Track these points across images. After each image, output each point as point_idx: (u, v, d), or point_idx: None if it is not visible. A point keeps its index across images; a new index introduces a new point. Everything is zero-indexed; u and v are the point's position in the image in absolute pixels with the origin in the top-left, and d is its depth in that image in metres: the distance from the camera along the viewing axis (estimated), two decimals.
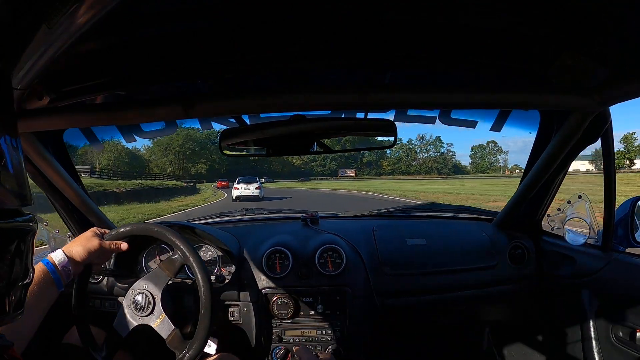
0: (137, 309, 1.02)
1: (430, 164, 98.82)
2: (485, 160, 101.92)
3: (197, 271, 1.02)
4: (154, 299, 1.03)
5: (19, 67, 0.56)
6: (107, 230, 1.08)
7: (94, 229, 1.05)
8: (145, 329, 1.02)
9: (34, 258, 0.47)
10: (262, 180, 23.92)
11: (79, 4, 0.46)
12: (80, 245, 0.98)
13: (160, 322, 1.02)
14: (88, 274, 1.05)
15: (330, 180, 67.56)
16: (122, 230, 1.07)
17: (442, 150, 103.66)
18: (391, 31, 0.83)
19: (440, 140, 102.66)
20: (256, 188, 20.38)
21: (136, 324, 1.02)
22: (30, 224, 0.45)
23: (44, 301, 0.88)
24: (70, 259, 0.94)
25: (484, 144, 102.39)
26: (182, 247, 1.03)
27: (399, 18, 0.77)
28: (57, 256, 0.92)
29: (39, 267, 0.89)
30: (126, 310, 1.03)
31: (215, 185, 39.57)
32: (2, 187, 0.40)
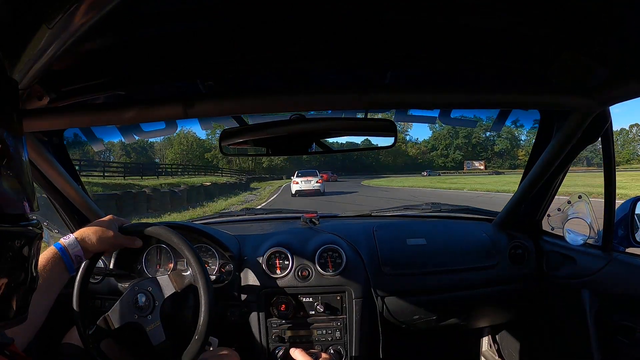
0: (136, 306, 1.02)
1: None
2: (628, 149, 79.67)
3: (202, 294, 1.02)
4: (154, 303, 1.03)
5: (18, 67, 0.56)
6: (124, 221, 1.08)
7: (111, 217, 1.05)
8: (138, 328, 1.02)
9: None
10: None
11: (78, 4, 0.46)
12: (95, 234, 0.98)
13: (153, 328, 1.01)
14: (94, 262, 1.05)
15: (455, 175, 52.74)
16: (139, 226, 1.08)
17: None
18: (391, 31, 0.83)
19: None
20: (317, 182, 19.29)
21: (130, 321, 1.02)
22: (36, 229, 0.45)
23: (56, 285, 0.90)
24: (82, 246, 0.95)
25: (626, 128, 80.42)
26: (193, 264, 1.04)
27: (399, 18, 0.77)
28: (69, 242, 0.93)
29: (51, 250, 0.90)
30: (125, 304, 1.03)
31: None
32: (7, 191, 0.41)
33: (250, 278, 1.34)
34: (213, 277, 1.31)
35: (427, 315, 1.46)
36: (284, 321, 1.32)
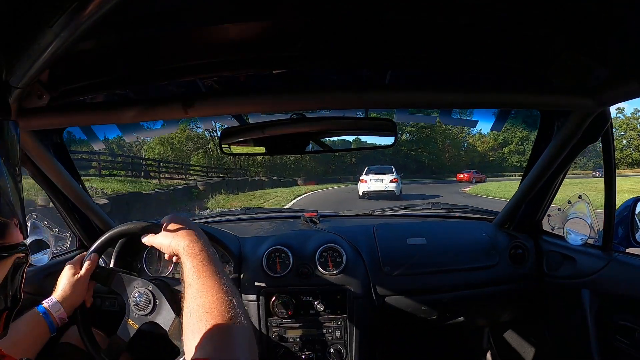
0: (135, 306, 1.02)
1: None
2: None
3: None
4: (154, 297, 1.03)
5: (18, 66, 0.56)
6: (86, 257, 1.05)
7: (68, 264, 1.03)
8: (146, 333, 1.03)
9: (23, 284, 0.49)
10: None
11: (79, 3, 0.46)
12: (64, 290, 0.99)
13: (162, 316, 1.02)
14: (84, 311, 1.04)
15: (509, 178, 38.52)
16: (103, 238, 1.08)
17: None
18: (391, 31, 0.83)
19: None
20: (391, 181, 14.85)
21: (139, 326, 1.02)
22: (25, 257, 0.46)
23: (37, 345, 0.92)
24: (62, 304, 0.97)
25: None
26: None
27: (398, 18, 0.77)
28: (54, 307, 0.96)
29: (34, 314, 0.93)
30: (129, 314, 1.03)
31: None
32: (9, 222, 0.42)
33: (250, 277, 1.34)
34: None
35: (427, 315, 1.46)
36: (284, 320, 1.32)
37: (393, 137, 1.12)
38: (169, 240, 0.85)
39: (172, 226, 0.88)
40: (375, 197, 14.18)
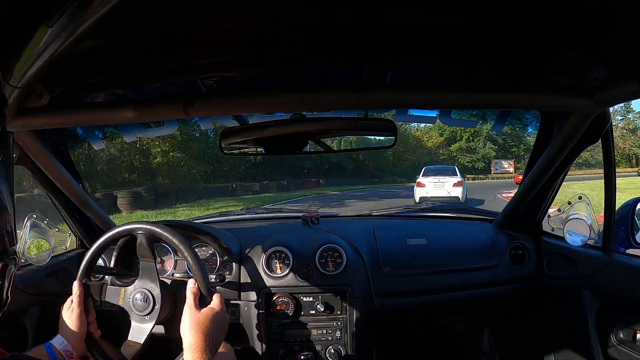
0: (139, 309, 1.02)
1: None
2: None
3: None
4: (153, 296, 1.03)
5: (19, 65, 0.56)
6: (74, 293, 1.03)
7: (62, 307, 1.03)
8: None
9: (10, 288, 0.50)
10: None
11: (79, 3, 0.46)
12: (65, 327, 0.99)
13: (139, 327, 1.01)
14: (93, 343, 1.04)
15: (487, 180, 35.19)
16: (86, 259, 1.07)
17: None
18: (391, 31, 0.83)
19: None
20: (455, 185, 12.22)
21: (151, 325, 1.01)
22: (13, 261, 0.47)
23: None
24: (67, 339, 0.97)
25: None
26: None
27: (399, 18, 0.77)
28: (57, 341, 0.96)
29: (40, 351, 0.93)
30: (134, 318, 1.02)
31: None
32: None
33: (250, 277, 1.34)
34: (213, 276, 1.31)
35: (426, 316, 1.46)
36: (284, 321, 1.32)
37: (393, 138, 1.12)
38: (194, 327, 0.88)
39: (210, 320, 0.90)
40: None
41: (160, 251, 1.39)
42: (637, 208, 1.21)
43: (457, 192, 11.97)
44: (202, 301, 0.94)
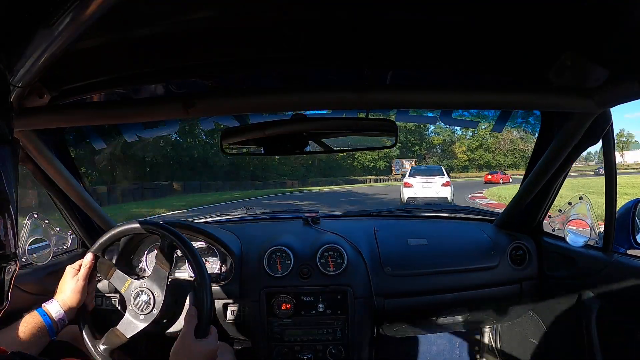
0: (138, 307, 1.03)
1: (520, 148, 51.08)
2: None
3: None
4: (155, 302, 1.03)
5: (19, 65, 0.57)
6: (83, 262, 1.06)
7: (68, 268, 1.04)
8: (147, 333, 1.03)
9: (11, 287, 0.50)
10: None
11: (79, 3, 0.46)
12: (65, 291, 1.00)
13: (161, 316, 1.02)
14: (85, 312, 1.05)
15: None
16: (104, 239, 1.09)
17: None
18: (391, 31, 0.83)
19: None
20: (443, 185, 11.99)
21: (143, 326, 1.02)
22: (11, 264, 0.48)
23: (34, 347, 0.91)
24: (62, 306, 0.97)
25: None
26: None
27: (399, 18, 0.77)
28: (52, 307, 0.96)
29: (33, 316, 0.93)
30: (129, 312, 1.03)
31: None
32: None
33: (251, 277, 1.34)
34: (214, 276, 1.31)
35: (427, 316, 1.46)
36: (284, 320, 1.32)
37: (394, 138, 1.12)
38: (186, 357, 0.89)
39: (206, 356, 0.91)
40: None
41: (162, 251, 1.39)
42: (638, 208, 1.21)
43: (446, 192, 11.87)
44: (199, 332, 0.94)
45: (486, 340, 1.83)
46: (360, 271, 1.36)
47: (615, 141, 1.10)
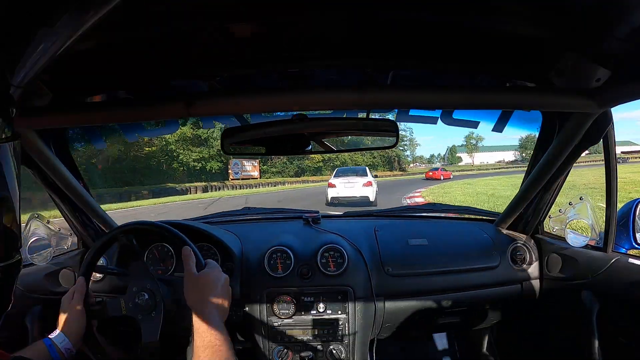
0: (137, 305, 1.02)
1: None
2: None
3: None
4: (156, 302, 1.03)
5: (20, 65, 0.57)
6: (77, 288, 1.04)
7: (63, 298, 1.03)
8: (135, 325, 1.03)
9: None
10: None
11: (80, 3, 0.46)
12: (64, 319, 0.99)
13: (150, 326, 1.01)
14: (90, 333, 1.04)
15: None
16: (87, 259, 1.08)
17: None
18: (393, 31, 0.83)
19: None
20: (364, 185, 12.44)
21: (160, 321, 1.01)
22: (16, 266, 0.48)
23: None
24: (67, 335, 0.96)
25: None
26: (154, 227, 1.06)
27: (400, 18, 0.77)
28: (58, 338, 0.95)
29: (40, 346, 0.92)
30: (143, 321, 1.02)
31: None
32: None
33: (251, 277, 1.34)
34: None
35: (427, 316, 1.46)
36: (285, 320, 1.32)
37: (394, 138, 1.12)
38: (196, 292, 0.90)
39: (210, 282, 0.92)
40: (347, 204, 11.95)
41: (161, 251, 1.39)
42: (639, 208, 1.21)
43: (367, 191, 12.27)
44: (198, 266, 0.96)
45: (486, 340, 1.83)
46: (361, 271, 1.36)
47: (465, 143, 1.12)
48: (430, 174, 32.62)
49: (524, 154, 70.91)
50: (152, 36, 0.80)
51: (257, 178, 34.12)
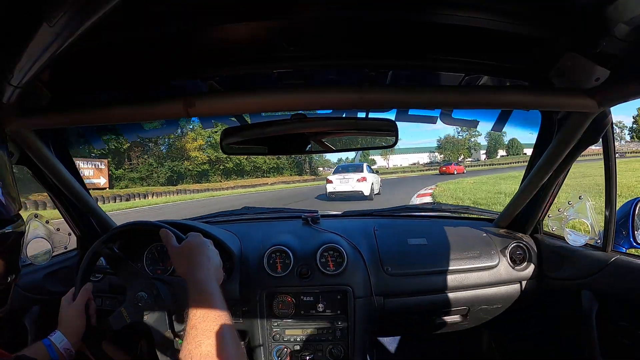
0: (137, 305, 1.02)
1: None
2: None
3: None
4: (155, 303, 1.03)
5: (19, 65, 0.57)
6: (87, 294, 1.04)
7: (62, 300, 1.02)
8: (138, 326, 1.02)
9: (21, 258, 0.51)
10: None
11: (80, 3, 0.46)
12: (63, 319, 0.99)
13: (156, 319, 1.02)
14: (90, 334, 1.03)
15: None
16: (84, 263, 1.08)
17: None
18: (392, 31, 0.83)
19: None
20: (358, 181, 13.43)
21: (131, 321, 1.01)
22: (17, 229, 0.48)
23: None
24: (66, 335, 0.96)
25: None
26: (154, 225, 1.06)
27: (400, 18, 0.77)
28: (57, 339, 0.95)
29: (39, 346, 0.92)
30: (146, 320, 1.03)
31: None
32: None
33: (250, 277, 1.34)
34: None
35: (427, 315, 1.46)
36: (284, 320, 1.32)
37: (394, 138, 1.12)
38: (183, 261, 0.90)
39: (193, 247, 0.92)
40: (343, 199, 12.87)
41: (161, 251, 1.39)
42: (638, 208, 1.21)
43: (361, 186, 13.30)
44: (178, 239, 0.97)
45: (486, 340, 1.84)
46: (360, 271, 1.36)
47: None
48: (444, 168, 32.85)
49: (442, 156, 68.53)
50: (152, 36, 0.80)
51: (104, 188, 24.31)
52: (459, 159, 63.58)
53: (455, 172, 31.12)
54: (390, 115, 1.25)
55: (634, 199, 1.22)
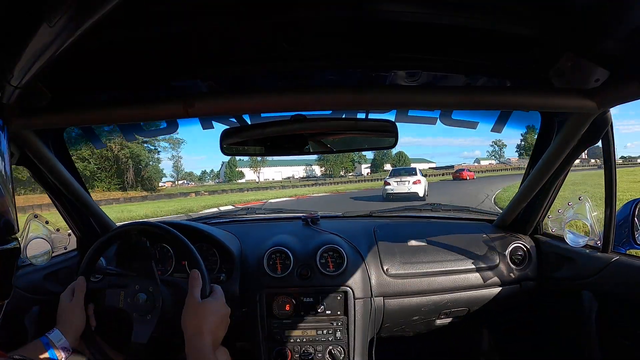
0: (136, 306, 1.02)
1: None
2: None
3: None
4: (155, 304, 1.02)
5: (19, 65, 0.57)
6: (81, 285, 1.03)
7: (61, 297, 1.01)
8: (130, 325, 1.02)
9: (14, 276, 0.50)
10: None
11: (79, 3, 0.46)
12: (62, 318, 0.97)
13: (142, 327, 1.00)
14: (90, 333, 1.03)
15: None
16: (86, 257, 1.06)
17: None
18: (392, 32, 0.83)
19: None
20: (414, 183, 15.30)
21: (154, 325, 1.00)
22: (13, 249, 0.48)
23: None
24: (65, 334, 0.95)
25: None
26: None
27: (399, 19, 0.77)
28: (55, 337, 0.94)
29: (37, 345, 0.91)
30: (135, 320, 1.01)
31: None
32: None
33: (251, 278, 1.34)
34: (213, 277, 1.31)
35: (427, 316, 1.46)
36: (284, 321, 1.32)
37: (393, 138, 1.12)
38: (194, 320, 0.88)
39: (213, 312, 0.91)
40: (401, 199, 14.03)
41: (160, 252, 1.39)
42: (638, 208, 1.21)
43: (416, 188, 15.16)
44: (203, 293, 0.94)
45: (486, 340, 1.83)
46: (360, 272, 1.36)
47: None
48: (457, 174, 33.25)
49: (322, 169, 63.72)
50: (152, 36, 0.80)
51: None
52: (341, 173, 62.73)
53: (468, 179, 31.38)
54: (390, 116, 1.25)
55: (633, 199, 1.22)
